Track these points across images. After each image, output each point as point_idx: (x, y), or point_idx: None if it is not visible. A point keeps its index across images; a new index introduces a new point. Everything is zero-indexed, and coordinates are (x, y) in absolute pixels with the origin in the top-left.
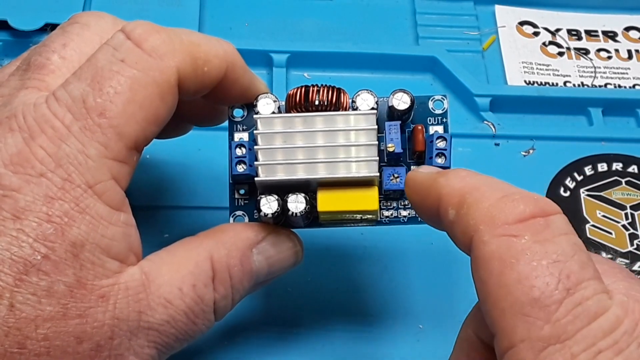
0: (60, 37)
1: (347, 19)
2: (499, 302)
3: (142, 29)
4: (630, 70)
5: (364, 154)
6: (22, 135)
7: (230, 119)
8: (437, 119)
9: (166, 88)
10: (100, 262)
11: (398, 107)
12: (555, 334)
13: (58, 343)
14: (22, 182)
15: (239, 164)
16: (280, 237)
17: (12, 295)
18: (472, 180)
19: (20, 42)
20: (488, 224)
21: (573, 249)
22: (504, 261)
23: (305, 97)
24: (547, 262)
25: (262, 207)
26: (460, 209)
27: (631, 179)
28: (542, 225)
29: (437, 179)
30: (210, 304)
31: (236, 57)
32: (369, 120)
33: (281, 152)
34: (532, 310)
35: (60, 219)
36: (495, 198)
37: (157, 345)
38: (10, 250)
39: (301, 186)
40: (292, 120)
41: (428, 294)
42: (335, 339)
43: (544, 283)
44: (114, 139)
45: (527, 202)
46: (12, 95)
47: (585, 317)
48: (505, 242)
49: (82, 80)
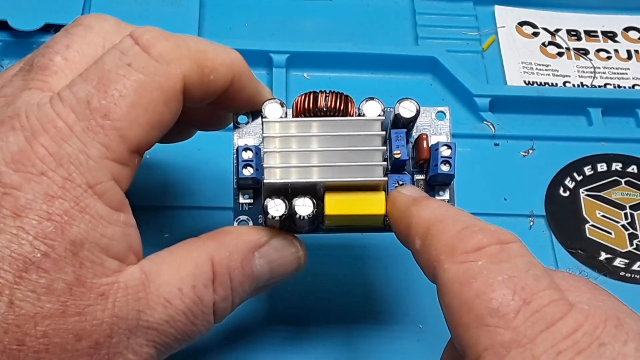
0: (64, 39)
1: (347, 19)
2: (462, 318)
3: (151, 34)
4: (629, 71)
5: (371, 159)
6: (24, 134)
7: (235, 125)
8: (440, 129)
9: (171, 94)
10: (100, 261)
11: (404, 115)
12: (516, 339)
13: (57, 340)
14: (22, 180)
15: (246, 168)
16: (283, 241)
17: (12, 292)
18: (439, 212)
19: (20, 42)
20: (449, 253)
21: (527, 266)
22: (463, 282)
23: (313, 103)
24: (503, 278)
25: (269, 210)
26: (425, 239)
27: (631, 179)
28: (497, 250)
29: (410, 207)
30: (209, 305)
31: (243, 65)
32: (376, 126)
33: (289, 156)
34: (492, 320)
35: (60, 217)
36: (456, 230)
37: (155, 344)
38: (10, 248)
39: (308, 190)
40: (300, 124)
41: (428, 294)
42: (335, 339)
43: (501, 295)
44: (116, 140)
45: (485, 233)
46: (15, 95)
47: (543, 322)
48: (463, 267)
49: (88, 82)
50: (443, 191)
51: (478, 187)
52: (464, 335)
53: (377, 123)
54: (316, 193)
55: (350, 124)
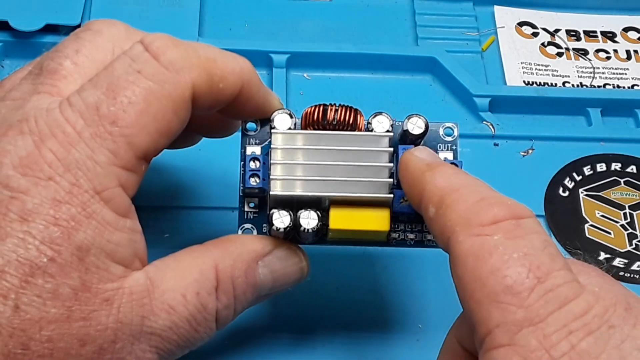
0: (73, 43)
1: (347, 20)
2: (475, 294)
3: (161, 42)
4: (629, 71)
5: (378, 175)
6: (32, 139)
7: (244, 132)
8: (447, 146)
9: (180, 102)
10: (105, 267)
11: (412, 131)
12: (528, 318)
13: (61, 345)
14: (30, 184)
15: (253, 177)
16: (287, 251)
17: (18, 296)
18: (455, 181)
19: (21, 42)
20: (464, 225)
21: (543, 244)
22: (478, 257)
23: (322, 115)
24: (518, 255)
25: (274, 222)
26: (439, 208)
27: (630, 179)
28: (513, 225)
29: (425, 172)
30: (212, 312)
31: (252, 74)
32: (384, 142)
33: (296, 168)
34: (506, 297)
35: (67, 222)
36: (472, 201)
37: (158, 350)
38: (16, 252)
39: (313, 203)
40: (309, 136)
41: (428, 294)
42: (335, 339)
43: (515, 272)
44: (124, 147)
45: (502, 206)
46: (25, 99)
47: (556, 301)
48: (479, 240)
49: (97, 87)
50: None
51: None
52: (475, 310)
53: (384, 139)
54: (321, 206)
55: (358, 139)
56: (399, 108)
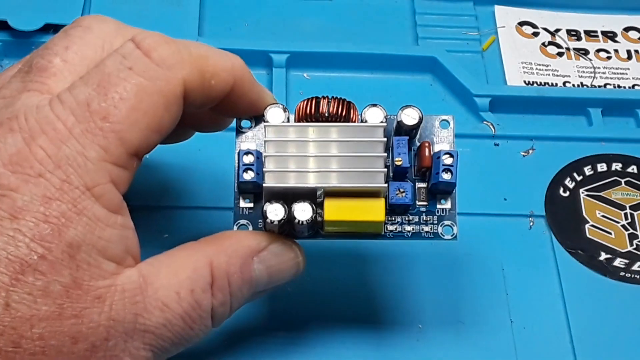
0: (63, 40)
1: (347, 19)
2: None
3: (152, 39)
4: (629, 71)
5: (373, 166)
6: (22, 136)
7: (238, 129)
8: (443, 138)
9: (172, 98)
10: (97, 264)
11: (406, 122)
12: None
13: (53, 343)
14: (20, 181)
15: (247, 172)
16: (282, 246)
17: (8, 294)
18: None
19: (20, 42)
20: None
21: None
22: None
23: (315, 108)
24: None
25: (268, 214)
26: None
27: (630, 179)
28: None
29: None
30: (207, 309)
31: (244, 71)
32: (379, 132)
33: (290, 160)
34: None
35: (58, 219)
36: None
37: (152, 347)
38: (6, 250)
39: (308, 195)
40: (302, 129)
41: (428, 294)
42: (335, 339)
43: None
44: (115, 143)
45: None
46: (14, 97)
47: None
48: None
49: (88, 84)
50: (445, 199)
51: (478, 187)
52: None
53: (379, 129)
54: (316, 198)
55: (352, 130)
56: (398, 108)
